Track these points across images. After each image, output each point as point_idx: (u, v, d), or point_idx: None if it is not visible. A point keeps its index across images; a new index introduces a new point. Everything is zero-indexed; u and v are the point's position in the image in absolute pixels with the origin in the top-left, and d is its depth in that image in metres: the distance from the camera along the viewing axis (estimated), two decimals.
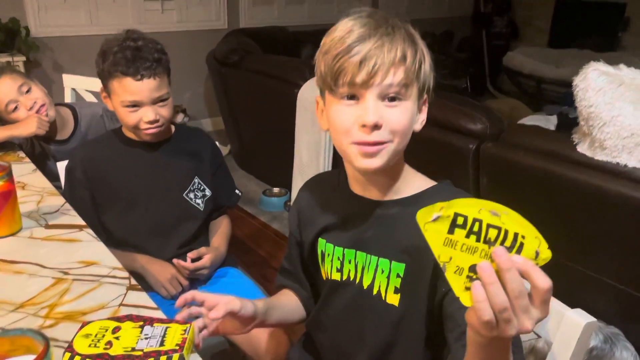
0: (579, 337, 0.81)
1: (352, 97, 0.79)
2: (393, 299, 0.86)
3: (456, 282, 0.56)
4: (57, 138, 1.75)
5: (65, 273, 1.00)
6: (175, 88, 4.55)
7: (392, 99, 0.78)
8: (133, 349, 0.73)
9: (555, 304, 0.87)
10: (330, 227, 0.94)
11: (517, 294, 0.53)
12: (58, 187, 1.45)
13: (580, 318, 0.82)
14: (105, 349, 0.73)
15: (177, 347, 0.75)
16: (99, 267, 1.02)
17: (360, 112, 0.78)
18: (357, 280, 0.90)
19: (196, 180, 1.44)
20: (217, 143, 1.52)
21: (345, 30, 0.78)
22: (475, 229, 0.55)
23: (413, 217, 0.81)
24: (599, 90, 1.63)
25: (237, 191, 1.59)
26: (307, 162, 2.70)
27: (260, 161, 3.43)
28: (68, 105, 1.83)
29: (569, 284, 1.86)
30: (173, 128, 1.46)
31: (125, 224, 1.39)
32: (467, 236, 0.55)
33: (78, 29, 3.52)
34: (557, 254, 1.86)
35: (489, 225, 0.54)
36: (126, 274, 1.00)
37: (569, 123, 2.42)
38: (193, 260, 1.34)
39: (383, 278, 0.86)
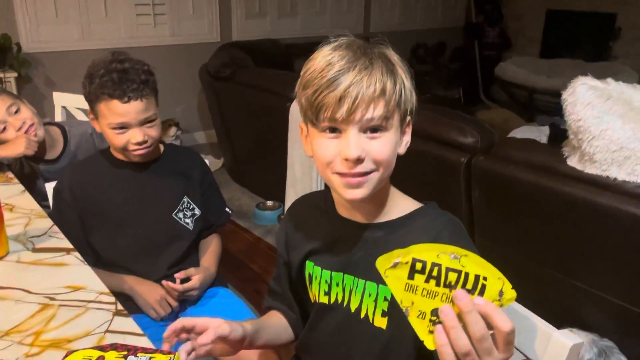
0: (566, 358, 0.81)
1: (333, 130, 0.79)
2: (381, 322, 0.87)
3: (419, 326, 0.57)
4: (47, 157, 1.74)
5: (52, 299, 0.99)
6: (168, 101, 4.57)
7: (374, 131, 0.79)
8: None
9: (541, 324, 0.87)
10: (317, 250, 0.94)
11: (480, 337, 0.53)
12: (47, 207, 1.45)
13: (567, 339, 0.82)
14: None
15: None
16: (86, 292, 1.01)
17: (342, 146, 0.78)
18: (345, 304, 0.90)
19: (185, 200, 1.43)
20: (210, 156, 1.53)
21: (324, 62, 0.78)
22: (435, 273, 0.55)
23: (400, 240, 0.83)
24: (588, 104, 1.64)
25: (227, 209, 1.58)
26: (300, 176, 2.70)
27: (254, 174, 3.43)
28: (57, 125, 1.83)
29: (562, 297, 1.86)
30: (162, 147, 1.46)
31: (114, 245, 1.38)
32: (427, 281, 0.56)
33: (70, 44, 3.53)
34: (549, 268, 1.86)
35: (448, 269, 0.55)
36: (112, 299, 0.99)
37: (561, 134, 2.43)
38: (182, 281, 1.34)
39: (370, 301, 0.87)
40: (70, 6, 3.50)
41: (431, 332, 0.56)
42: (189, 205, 1.44)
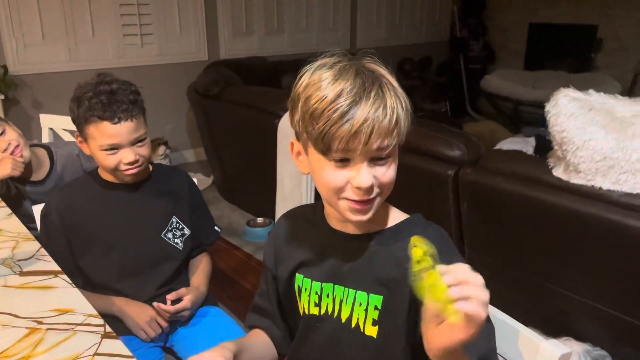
0: None
1: (343, 159, 0.80)
2: (371, 331, 0.87)
3: (446, 310, 0.62)
4: (33, 179, 1.74)
5: (39, 322, 0.98)
6: (157, 120, 4.57)
7: (382, 157, 0.80)
8: None
9: (530, 334, 0.87)
10: (307, 262, 0.94)
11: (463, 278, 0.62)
12: (34, 229, 1.44)
13: (555, 349, 0.83)
14: None
15: None
16: (74, 314, 1.00)
17: (352, 174, 0.79)
18: (336, 315, 0.90)
19: (174, 220, 1.43)
20: (200, 174, 1.52)
21: (334, 93, 0.77)
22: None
23: (389, 249, 0.83)
24: (571, 116, 1.66)
25: (216, 228, 1.58)
26: (290, 191, 2.71)
27: (244, 191, 3.42)
28: (44, 146, 1.83)
29: (554, 307, 1.87)
30: (151, 168, 1.46)
31: (103, 267, 1.37)
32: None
33: (57, 66, 3.53)
34: (539, 278, 1.86)
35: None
36: (101, 321, 0.99)
37: (546, 145, 2.46)
38: (173, 302, 1.33)
39: (361, 311, 0.87)
40: (57, 27, 3.51)
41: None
42: (177, 225, 1.44)
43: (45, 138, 2.15)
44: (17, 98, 3.46)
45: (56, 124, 2.14)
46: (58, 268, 1.18)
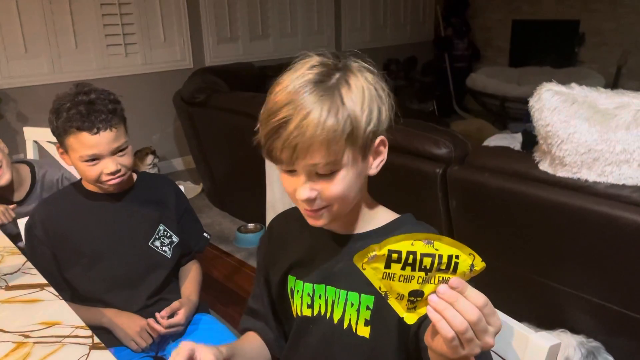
0: None
1: (289, 170, 0.80)
2: (364, 332, 0.87)
3: (398, 306, 0.62)
4: (14, 199, 1.71)
5: (26, 336, 0.97)
6: (144, 129, 4.54)
7: (324, 174, 0.79)
8: None
9: (519, 328, 0.87)
10: (298, 264, 0.94)
11: (476, 319, 0.56)
12: (19, 249, 1.42)
13: (544, 341, 0.83)
14: None
15: None
16: (61, 327, 0.99)
17: (295, 185, 0.80)
18: (328, 316, 0.90)
19: (161, 228, 1.42)
20: (189, 182, 1.51)
21: (274, 105, 0.77)
22: (410, 260, 0.60)
23: None
24: (554, 110, 1.68)
25: (205, 234, 1.57)
26: (280, 196, 2.70)
27: (234, 198, 3.41)
28: (28, 163, 1.80)
29: (546, 300, 1.88)
30: (135, 176, 1.45)
31: (91, 279, 1.36)
32: (403, 268, 0.60)
33: (41, 78, 3.50)
34: (530, 272, 1.87)
35: (423, 255, 0.59)
36: (89, 333, 0.98)
37: (533, 140, 2.47)
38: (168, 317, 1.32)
39: (353, 311, 0.87)
40: (40, 40, 3.48)
41: (409, 309, 0.62)
42: (165, 233, 1.43)
43: (30, 151, 2.13)
44: (1, 112, 3.43)
45: (40, 137, 2.12)
46: (44, 281, 1.17)
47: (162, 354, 1.39)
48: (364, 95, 0.78)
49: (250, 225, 3.17)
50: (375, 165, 0.84)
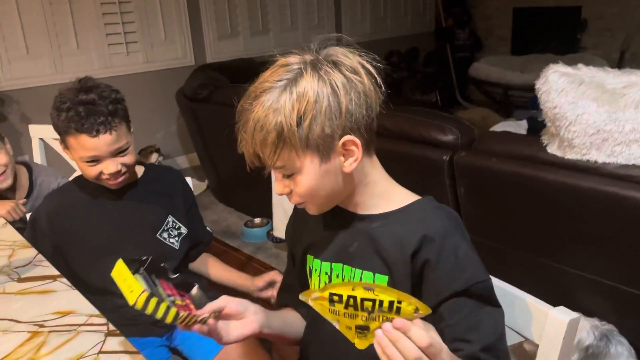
0: (564, 335, 0.81)
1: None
2: None
3: (348, 334, 0.67)
4: (15, 199, 1.71)
5: (41, 326, 0.97)
6: (148, 128, 4.53)
7: (286, 175, 0.82)
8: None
9: (538, 304, 0.87)
10: (316, 243, 0.94)
11: (414, 359, 0.60)
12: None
13: (563, 315, 0.82)
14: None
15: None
16: (75, 316, 0.99)
17: None
18: None
19: (170, 219, 1.41)
20: (194, 179, 1.51)
21: (236, 116, 0.82)
22: (351, 302, 0.64)
23: (395, 230, 0.85)
24: (561, 91, 1.66)
25: (208, 229, 1.57)
26: None
27: (239, 193, 3.41)
28: (26, 165, 1.80)
29: (558, 285, 1.87)
30: (143, 169, 1.44)
31: (99, 272, 1.34)
32: (346, 307, 0.64)
33: (43, 79, 3.50)
34: (541, 256, 1.86)
35: (363, 299, 0.63)
36: (104, 320, 0.98)
37: (538, 126, 2.46)
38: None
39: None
40: (41, 41, 3.48)
41: (359, 337, 0.66)
42: (174, 224, 1.42)
43: (36, 149, 2.13)
44: (5, 114, 3.43)
45: (46, 134, 2.12)
46: (57, 272, 1.17)
47: (175, 345, 1.39)
48: (307, 102, 0.76)
49: (257, 220, 3.17)
50: (347, 164, 0.82)
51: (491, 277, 0.85)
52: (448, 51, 5.59)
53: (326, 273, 0.92)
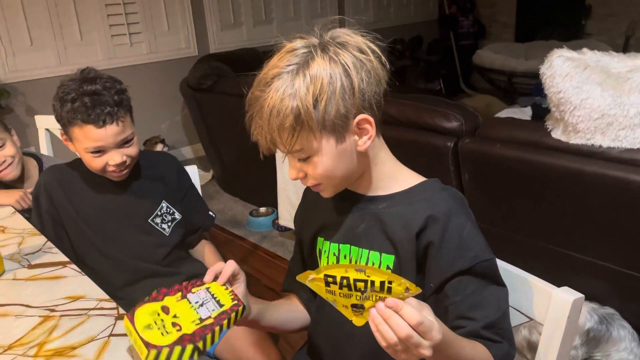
0: (568, 314, 0.82)
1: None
2: None
3: (345, 312, 0.69)
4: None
5: (52, 310, 0.98)
6: (152, 119, 4.53)
7: (301, 158, 0.82)
8: (201, 320, 0.74)
9: (541, 284, 0.88)
10: (326, 225, 0.96)
11: (405, 336, 0.62)
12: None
13: (567, 295, 0.83)
14: (178, 331, 0.73)
15: (236, 301, 0.78)
16: (86, 300, 1.01)
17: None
18: None
19: (164, 205, 1.41)
20: (199, 170, 1.51)
21: (247, 103, 0.82)
22: (345, 283, 0.66)
23: (401, 211, 0.86)
24: (566, 76, 1.66)
25: (210, 213, 1.56)
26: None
27: (244, 183, 3.42)
28: (34, 156, 1.82)
29: (560, 269, 1.88)
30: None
31: (95, 251, 1.36)
32: (341, 288, 0.67)
33: (48, 71, 3.51)
34: (544, 241, 1.86)
35: (355, 280, 0.65)
36: (113, 304, 0.99)
37: (543, 113, 2.46)
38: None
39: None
40: (45, 33, 3.48)
41: (356, 315, 0.68)
42: (168, 210, 1.42)
43: (42, 139, 2.15)
44: (11, 106, 3.44)
45: (52, 125, 2.13)
46: (66, 259, 1.18)
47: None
48: (321, 83, 0.77)
49: (262, 209, 3.19)
50: (362, 142, 0.83)
51: (497, 259, 0.86)
52: (452, 39, 5.56)
53: (334, 254, 0.93)
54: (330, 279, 0.67)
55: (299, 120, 0.77)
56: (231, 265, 0.85)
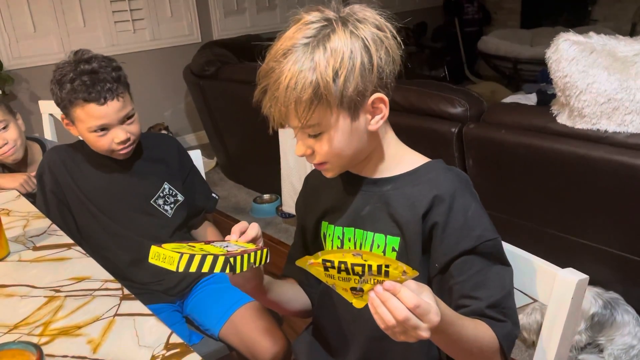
0: (572, 295, 0.82)
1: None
2: None
3: (345, 295, 0.70)
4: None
5: (57, 291, 0.99)
6: (156, 106, 4.52)
7: (312, 134, 0.81)
8: (229, 252, 0.74)
9: (546, 266, 0.87)
10: (331, 209, 0.96)
11: (403, 318, 0.62)
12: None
13: (572, 276, 0.83)
14: (204, 250, 0.74)
15: (260, 246, 0.80)
16: (91, 281, 1.01)
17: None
18: None
19: (166, 186, 1.42)
20: (203, 157, 1.51)
21: (259, 74, 0.80)
22: (343, 268, 0.67)
23: (406, 192, 0.86)
24: (572, 60, 1.65)
25: (213, 195, 1.57)
26: (294, 165, 2.70)
27: (248, 169, 3.42)
28: (38, 141, 1.82)
29: (564, 254, 1.88)
30: None
31: (98, 231, 1.36)
32: (339, 272, 0.67)
33: (51, 57, 3.49)
34: (550, 227, 1.86)
35: (353, 264, 0.66)
36: (118, 285, 1.00)
37: (548, 99, 2.44)
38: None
39: (379, 253, 0.88)
40: (48, 20, 3.47)
41: (356, 297, 0.69)
42: (170, 191, 1.42)
43: (46, 124, 2.15)
44: (14, 93, 3.44)
45: (56, 110, 2.12)
46: (71, 241, 1.18)
47: (185, 314, 1.41)
48: (342, 57, 0.75)
49: (266, 196, 3.19)
50: (374, 122, 0.82)
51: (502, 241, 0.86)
52: (456, 26, 5.52)
53: (338, 237, 0.93)
54: (328, 264, 0.67)
55: (318, 94, 0.75)
56: (255, 228, 0.84)
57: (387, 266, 0.64)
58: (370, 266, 0.64)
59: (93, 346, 0.83)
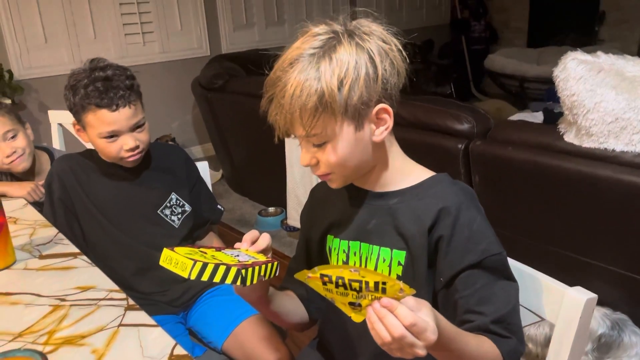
0: (581, 314, 0.81)
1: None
2: None
3: (344, 309, 0.70)
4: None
5: (62, 300, 0.99)
6: (163, 117, 4.55)
7: (316, 143, 0.82)
8: (240, 261, 0.74)
9: (554, 284, 0.87)
10: (336, 223, 0.96)
11: (398, 335, 0.62)
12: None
13: (580, 295, 0.82)
14: (216, 258, 0.74)
15: (270, 259, 0.79)
16: (96, 291, 1.01)
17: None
18: None
19: (173, 196, 1.42)
20: (210, 169, 1.51)
21: (267, 83, 0.82)
22: (340, 282, 0.67)
23: (412, 206, 0.86)
24: (580, 79, 1.65)
25: (219, 206, 1.57)
26: (300, 178, 2.70)
27: (254, 182, 3.43)
28: (47, 150, 1.83)
29: (570, 273, 1.86)
30: None
31: (105, 241, 1.36)
32: (337, 287, 0.68)
33: (61, 68, 3.53)
34: (556, 245, 1.84)
35: (350, 280, 0.66)
36: (123, 295, 0.99)
37: (554, 118, 2.45)
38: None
39: (385, 267, 0.88)
40: (59, 31, 3.52)
41: (355, 312, 0.69)
42: (177, 201, 1.43)
43: (55, 134, 2.17)
44: (24, 102, 3.47)
45: (65, 119, 2.15)
46: (77, 250, 1.19)
47: (189, 326, 1.41)
48: (347, 67, 0.77)
49: (271, 209, 3.19)
50: (378, 132, 0.83)
51: (508, 259, 0.85)
52: (463, 43, 5.55)
53: (344, 251, 0.93)
54: (326, 278, 0.68)
55: (322, 102, 0.77)
56: (266, 238, 0.85)
57: (384, 283, 0.64)
58: (367, 282, 0.64)
59: (97, 356, 0.83)
